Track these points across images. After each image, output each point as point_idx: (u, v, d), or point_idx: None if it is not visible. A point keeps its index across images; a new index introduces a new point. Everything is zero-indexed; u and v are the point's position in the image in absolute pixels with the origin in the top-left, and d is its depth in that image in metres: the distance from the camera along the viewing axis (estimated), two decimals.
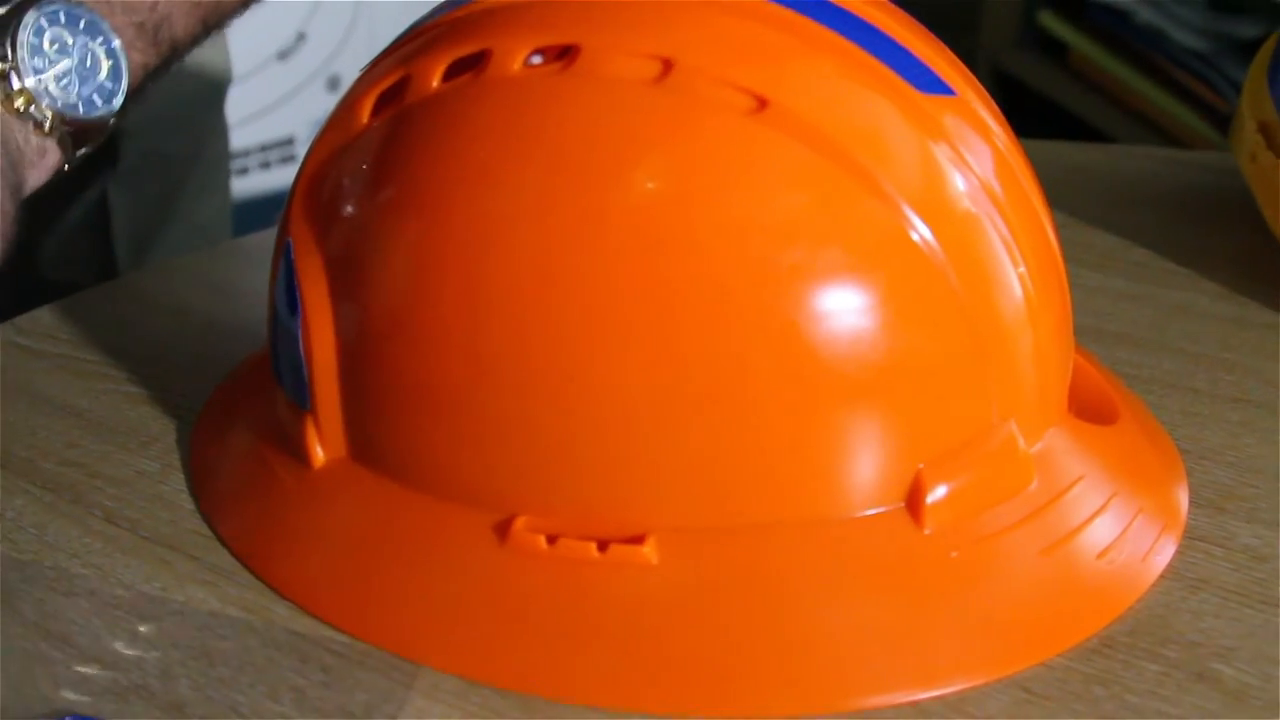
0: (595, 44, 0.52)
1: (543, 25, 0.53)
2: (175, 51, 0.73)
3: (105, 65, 0.67)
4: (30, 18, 0.64)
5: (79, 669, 0.51)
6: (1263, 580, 0.55)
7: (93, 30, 0.66)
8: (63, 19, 0.65)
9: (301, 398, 0.56)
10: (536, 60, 0.52)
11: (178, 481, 0.62)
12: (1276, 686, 0.50)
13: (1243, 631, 0.53)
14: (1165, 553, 0.56)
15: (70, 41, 0.65)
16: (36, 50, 0.64)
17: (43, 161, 0.66)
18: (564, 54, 0.52)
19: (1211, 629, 0.53)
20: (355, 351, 0.54)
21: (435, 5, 0.58)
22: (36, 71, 0.64)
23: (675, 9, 0.53)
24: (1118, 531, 0.55)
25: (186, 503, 0.60)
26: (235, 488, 0.60)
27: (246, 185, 2.28)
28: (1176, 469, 0.62)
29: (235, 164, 2.27)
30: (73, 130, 0.66)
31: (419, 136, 0.53)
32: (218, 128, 1.08)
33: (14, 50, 0.63)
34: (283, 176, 2.28)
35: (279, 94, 2.23)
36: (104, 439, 0.65)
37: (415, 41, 0.56)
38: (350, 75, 0.60)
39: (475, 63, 0.53)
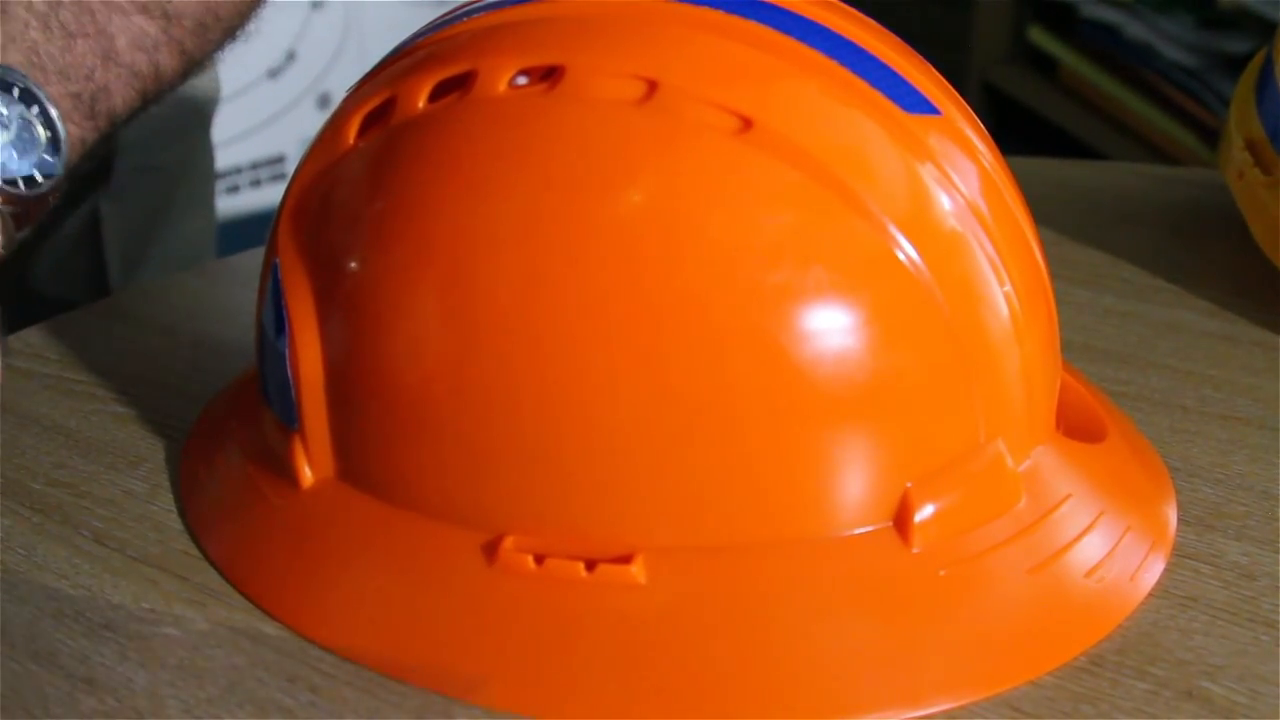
0: (580, 65, 0.52)
1: (528, 46, 0.53)
2: (113, 126, 0.67)
3: (44, 136, 0.60)
4: None
5: (67, 690, 0.51)
6: (1252, 598, 0.55)
7: (28, 98, 0.60)
8: None
9: (289, 418, 0.56)
10: (521, 81, 0.53)
11: (166, 501, 0.62)
12: (1265, 704, 0.50)
13: (1232, 649, 0.53)
14: (1154, 571, 0.56)
15: (4, 111, 0.58)
16: None
17: None
18: (549, 75, 0.52)
19: (1200, 647, 0.53)
20: (342, 371, 0.54)
21: (422, 25, 0.59)
22: None
23: (659, 30, 0.53)
24: (1106, 549, 0.55)
25: (175, 523, 0.60)
26: (224, 508, 0.60)
27: (237, 203, 2.28)
28: (1165, 486, 0.62)
29: (226, 181, 2.28)
30: (13, 210, 0.60)
31: (405, 157, 0.54)
32: (205, 144, 1.08)
33: None
34: (273, 194, 2.28)
35: (269, 112, 2.23)
36: (92, 459, 0.65)
37: (401, 62, 0.56)
38: (340, 93, 0.60)
39: (461, 83, 0.53)
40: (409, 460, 0.54)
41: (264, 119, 2.24)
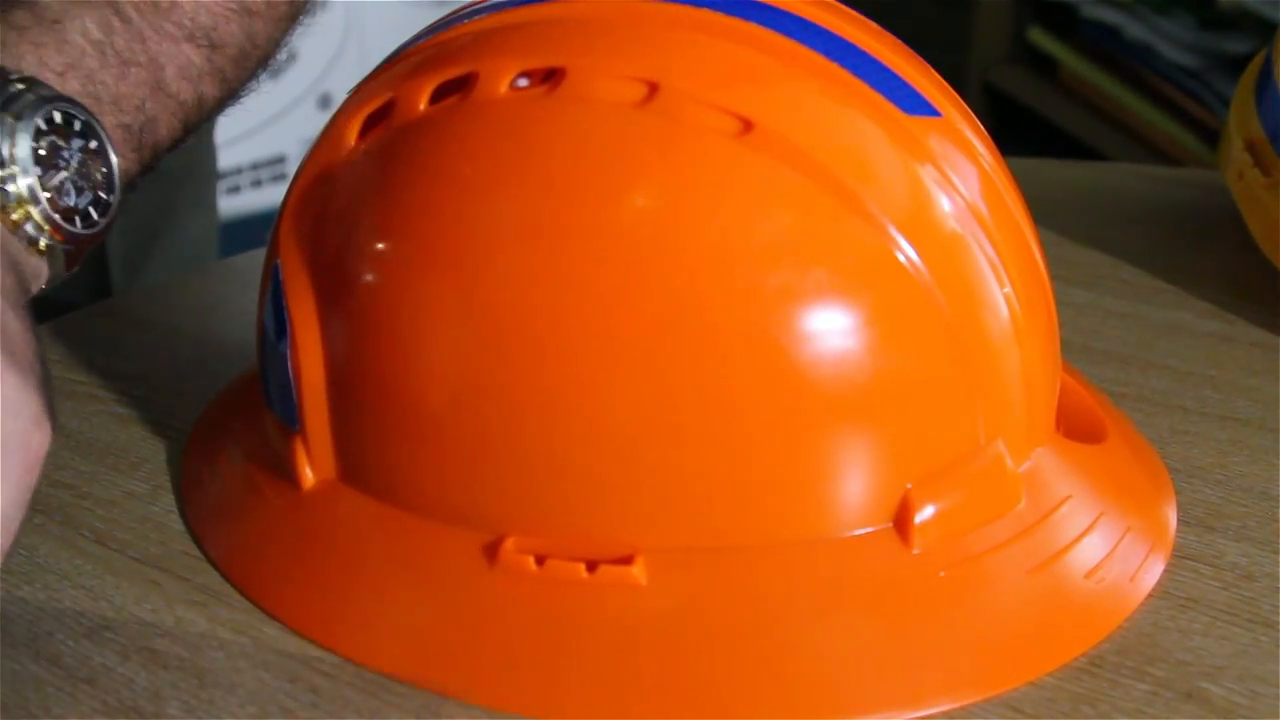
0: (581, 66, 0.52)
1: (528, 48, 0.53)
2: (156, 158, 0.65)
3: (99, 173, 0.58)
4: (27, 121, 0.55)
5: (69, 691, 0.51)
6: (1251, 599, 0.55)
7: (88, 133, 0.58)
8: (59, 120, 0.56)
9: (290, 419, 0.56)
10: (522, 83, 0.53)
11: (167, 502, 0.62)
12: (1264, 705, 0.50)
13: (1231, 650, 0.53)
14: (1154, 572, 0.56)
15: (65, 146, 0.57)
16: (34, 157, 0.55)
17: (36, 284, 0.57)
18: (550, 76, 0.52)
19: (1200, 648, 0.53)
20: (344, 373, 0.55)
21: (423, 27, 0.59)
22: (35, 182, 0.55)
23: (660, 32, 0.53)
24: (1106, 550, 0.55)
25: (176, 524, 0.60)
26: (225, 508, 0.60)
27: (238, 203, 2.28)
28: (1165, 488, 0.62)
29: (227, 182, 2.28)
30: (65, 247, 0.57)
31: (406, 159, 0.54)
32: (207, 146, 1.08)
33: (11, 157, 0.55)
34: (274, 194, 2.28)
35: (270, 112, 2.23)
36: (93, 460, 0.65)
37: (402, 64, 0.56)
38: (341, 94, 0.60)
39: (462, 85, 0.53)
40: (410, 461, 0.54)
41: (265, 119, 2.24)
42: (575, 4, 0.55)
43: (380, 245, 0.54)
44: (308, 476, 0.57)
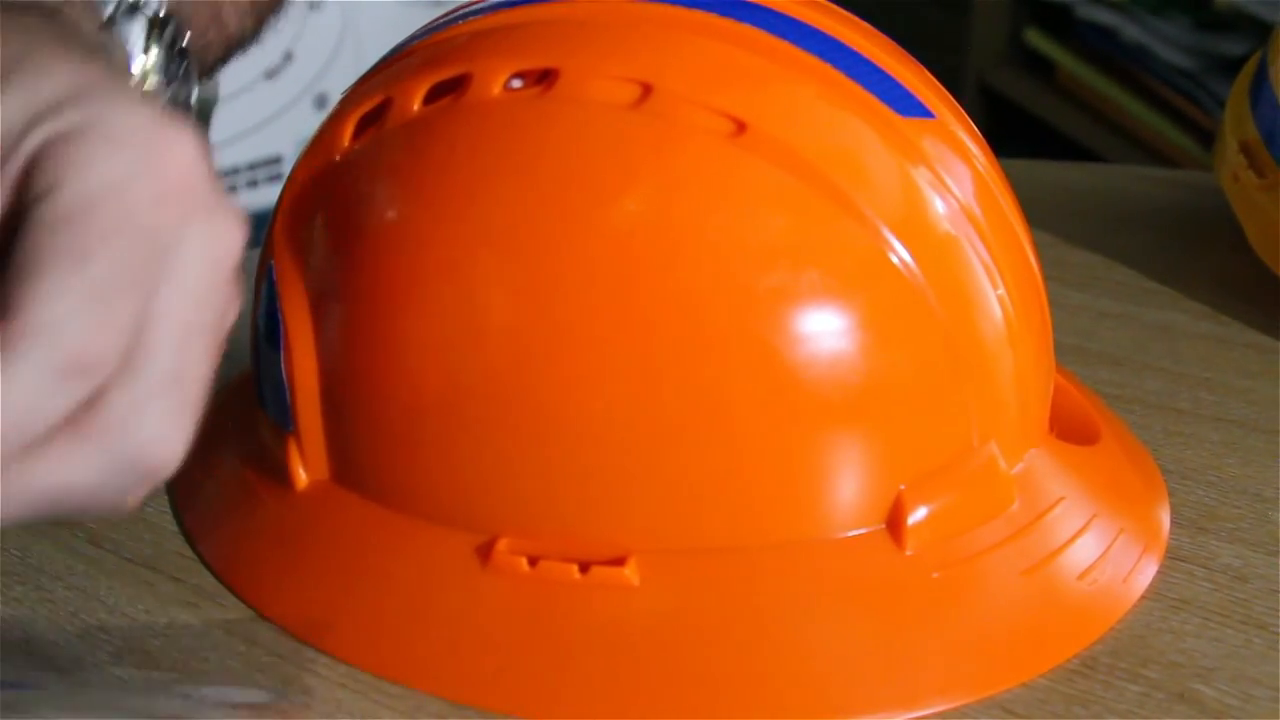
0: (574, 67, 0.52)
1: (522, 49, 0.53)
2: None
3: (182, 97, 0.60)
4: (158, 34, 0.56)
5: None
6: (1244, 601, 0.55)
7: (184, 56, 0.59)
8: (170, 40, 0.58)
9: (284, 420, 0.56)
10: (516, 84, 0.53)
11: (161, 503, 0.62)
12: (1257, 707, 0.50)
13: (1224, 652, 0.53)
14: (1146, 573, 0.56)
15: (172, 62, 0.58)
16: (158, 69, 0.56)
17: None
18: (543, 78, 0.52)
19: (1192, 649, 0.53)
20: (337, 374, 0.54)
21: (419, 27, 0.59)
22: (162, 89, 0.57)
23: (654, 33, 0.53)
24: (1099, 552, 0.55)
25: (170, 525, 0.60)
26: (218, 509, 0.60)
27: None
28: (1158, 489, 0.62)
29: (223, 182, 2.27)
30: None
31: (399, 160, 0.54)
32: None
33: (145, 63, 0.56)
34: (269, 195, 2.27)
35: (267, 112, 2.23)
36: None
37: (397, 64, 0.56)
38: (337, 94, 0.60)
39: (456, 86, 0.53)
40: (403, 462, 0.54)
41: (261, 119, 2.23)
42: (569, 5, 0.55)
43: (372, 246, 0.54)
44: (301, 477, 0.56)
